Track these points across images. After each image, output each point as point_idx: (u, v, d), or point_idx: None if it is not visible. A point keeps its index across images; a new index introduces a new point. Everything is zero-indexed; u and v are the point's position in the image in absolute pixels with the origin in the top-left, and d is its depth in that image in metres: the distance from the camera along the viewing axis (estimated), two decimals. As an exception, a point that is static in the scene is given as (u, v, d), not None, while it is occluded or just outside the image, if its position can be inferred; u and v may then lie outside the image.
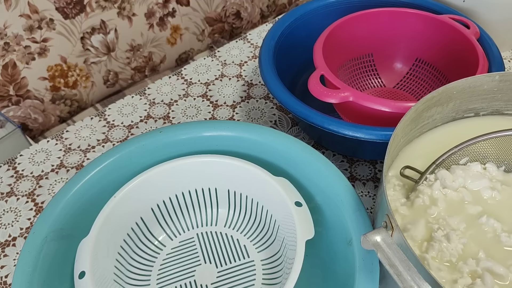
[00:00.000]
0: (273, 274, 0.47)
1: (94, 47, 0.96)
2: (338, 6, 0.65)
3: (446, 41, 0.60)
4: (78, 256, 0.41)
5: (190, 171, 0.48)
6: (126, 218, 0.47)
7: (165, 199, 0.49)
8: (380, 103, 0.49)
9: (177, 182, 0.49)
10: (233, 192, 0.50)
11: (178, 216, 0.51)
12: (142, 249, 0.48)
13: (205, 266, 0.48)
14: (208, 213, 0.51)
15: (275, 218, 0.47)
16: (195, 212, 0.51)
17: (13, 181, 0.58)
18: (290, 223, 0.43)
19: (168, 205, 0.50)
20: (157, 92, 0.68)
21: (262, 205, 0.48)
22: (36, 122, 0.96)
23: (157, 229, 0.50)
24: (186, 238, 0.50)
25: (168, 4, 1.01)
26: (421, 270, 0.32)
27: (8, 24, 0.83)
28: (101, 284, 0.41)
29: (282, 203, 0.44)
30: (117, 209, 0.44)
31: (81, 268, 0.40)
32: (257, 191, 0.48)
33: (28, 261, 0.40)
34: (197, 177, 0.49)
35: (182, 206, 0.50)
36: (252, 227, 0.50)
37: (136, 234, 0.48)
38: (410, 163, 0.44)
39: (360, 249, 0.39)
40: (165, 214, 0.50)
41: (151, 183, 0.47)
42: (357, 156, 0.59)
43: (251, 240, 0.49)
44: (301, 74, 0.65)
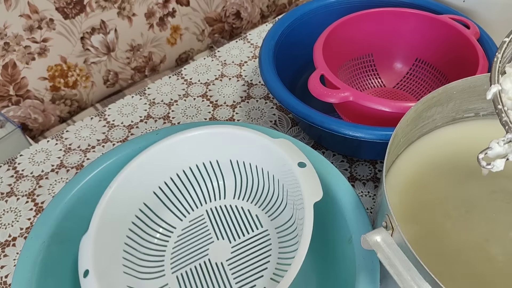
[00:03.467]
0: (289, 241, 0.45)
1: (94, 47, 0.96)
2: (338, 6, 0.65)
3: (446, 41, 0.60)
4: (80, 255, 0.40)
5: (187, 147, 0.47)
6: (127, 207, 0.45)
7: (166, 180, 0.47)
8: (380, 103, 0.49)
9: (175, 161, 0.47)
10: (236, 161, 0.48)
11: (185, 195, 0.49)
12: (152, 234, 0.47)
13: (218, 243, 0.46)
14: (215, 187, 0.50)
15: (283, 183, 0.46)
16: (201, 188, 0.49)
17: (13, 181, 0.58)
18: (296, 186, 0.42)
19: (171, 186, 0.48)
20: (157, 92, 0.68)
21: (267, 170, 0.47)
22: (36, 122, 0.96)
23: (165, 212, 0.48)
24: (196, 216, 0.49)
25: (168, 4, 1.01)
26: (421, 270, 0.32)
27: (8, 24, 0.83)
28: (110, 280, 0.40)
29: (285, 165, 0.42)
30: (114, 199, 0.43)
31: (85, 266, 0.39)
32: (259, 157, 0.46)
33: (27, 266, 0.40)
34: (196, 152, 0.47)
35: (187, 184, 0.49)
36: (262, 196, 0.48)
37: (143, 221, 0.46)
38: (410, 163, 0.44)
39: (360, 248, 0.39)
40: (170, 195, 0.48)
41: (148, 166, 0.45)
42: (357, 156, 0.59)
43: (262, 209, 0.48)
44: (301, 74, 0.65)
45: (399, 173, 0.45)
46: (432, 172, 0.45)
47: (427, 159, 0.45)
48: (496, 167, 0.28)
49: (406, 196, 0.43)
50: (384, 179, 0.37)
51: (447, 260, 0.39)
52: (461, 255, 0.40)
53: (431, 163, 0.45)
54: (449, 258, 0.40)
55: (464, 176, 0.44)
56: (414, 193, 0.43)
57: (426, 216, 0.42)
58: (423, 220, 0.42)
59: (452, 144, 0.46)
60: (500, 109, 0.29)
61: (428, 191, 0.44)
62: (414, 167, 0.45)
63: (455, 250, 0.40)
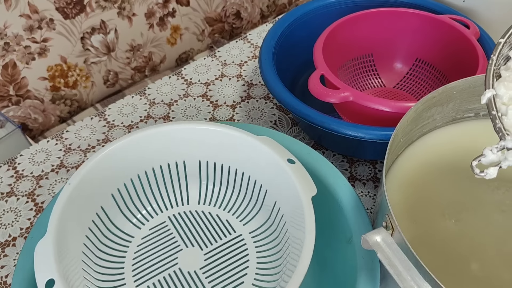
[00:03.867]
0: (267, 245, 0.43)
1: (94, 47, 0.96)
2: (338, 6, 0.65)
3: (446, 41, 0.60)
4: (39, 261, 0.35)
5: (152, 145, 0.43)
6: (86, 209, 0.41)
7: (126, 182, 0.43)
8: (380, 103, 0.49)
9: (138, 159, 0.43)
10: (205, 162, 0.45)
11: (142, 201, 0.45)
12: (108, 244, 0.42)
13: (188, 250, 0.43)
14: (177, 192, 0.46)
15: (261, 183, 0.43)
16: (160, 193, 0.46)
17: (13, 181, 0.58)
18: (284, 183, 0.40)
19: (130, 188, 0.44)
20: (157, 92, 0.68)
21: (242, 171, 0.44)
22: (36, 122, 0.96)
23: (120, 219, 0.44)
24: (157, 224, 0.45)
25: (168, 4, 1.01)
26: (421, 270, 0.32)
27: (8, 24, 0.83)
28: None
29: (271, 163, 0.40)
30: (73, 199, 0.39)
31: (48, 275, 0.34)
32: (234, 156, 0.43)
33: (27, 266, 0.39)
34: (161, 151, 0.43)
35: (146, 188, 0.45)
36: (230, 199, 0.45)
37: (98, 228, 0.42)
38: (410, 163, 0.44)
39: (360, 247, 0.39)
40: (127, 199, 0.44)
41: (110, 164, 0.41)
42: (357, 156, 0.59)
43: (232, 214, 0.45)
44: (301, 74, 0.65)
45: (399, 173, 0.45)
46: (432, 172, 0.45)
47: (427, 159, 0.45)
48: (489, 174, 0.27)
49: (406, 196, 0.43)
50: (384, 179, 0.37)
51: (447, 260, 0.39)
52: (461, 255, 0.40)
53: (431, 163, 0.45)
54: (449, 258, 0.40)
55: (464, 176, 0.44)
56: (414, 193, 0.43)
57: (426, 216, 0.42)
58: (423, 220, 0.42)
59: (452, 144, 0.46)
60: (494, 115, 0.28)
61: (428, 191, 0.44)
62: (414, 167, 0.45)
63: (455, 250, 0.40)
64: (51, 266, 0.34)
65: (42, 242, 0.36)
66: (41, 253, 0.35)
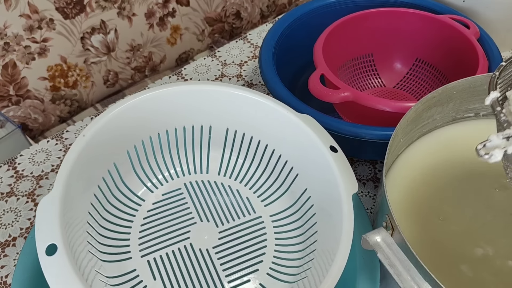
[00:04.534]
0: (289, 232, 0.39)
1: (94, 47, 0.96)
2: (338, 6, 0.65)
3: (446, 41, 0.60)
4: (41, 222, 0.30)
5: (180, 101, 0.38)
6: (97, 164, 0.37)
7: (144, 139, 0.39)
8: (380, 103, 0.49)
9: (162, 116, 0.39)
10: (233, 131, 0.41)
11: (159, 162, 0.41)
12: (115, 205, 0.38)
13: (202, 225, 0.39)
14: (197, 158, 0.42)
15: (292, 165, 0.39)
16: (179, 156, 0.41)
17: (13, 181, 0.58)
18: (322, 173, 0.36)
19: (147, 147, 0.39)
20: (157, 92, 0.68)
21: (273, 148, 0.40)
22: (36, 122, 0.96)
23: (132, 180, 0.39)
24: (171, 190, 0.40)
25: (168, 4, 1.01)
26: (421, 270, 0.32)
27: (8, 24, 0.83)
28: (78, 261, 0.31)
29: (310, 147, 0.36)
30: (87, 152, 0.35)
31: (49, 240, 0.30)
32: (267, 130, 0.39)
33: (27, 266, 0.39)
34: (188, 110, 0.39)
35: (165, 149, 0.41)
36: (254, 175, 0.41)
37: (108, 186, 0.38)
38: (410, 163, 0.44)
39: (360, 247, 0.39)
40: (142, 159, 0.40)
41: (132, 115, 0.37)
42: (357, 156, 0.59)
43: (254, 191, 0.41)
44: (301, 74, 0.65)
45: (399, 173, 0.45)
46: (432, 172, 0.45)
47: (427, 159, 0.45)
48: (495, 156, 0.28)
49: (406, 196, 0.43)
50: (384, 179, 0.36)
51: (447, 260, 0.39)
52: (461, 255, 0.40)
53: (431, 163, 0.45)
54: (449, 258, 0.40)
55: (464, 176, 0.44)
56: (414, 193, 0.43)
57: (426, 216, 0.42)
58: (423, 220, 0.42)
59: (452, 144, 0.46)
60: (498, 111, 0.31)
61: (428, 191, 0.44)
62: (414, 167, 0.45)
63: (455, 250, 0.40)
64: (55, 230, 0.30)
65: (47, 199, 0.32)
66: (45, 211, 0.31)
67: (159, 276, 0.37)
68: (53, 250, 0.29)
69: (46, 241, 0.30)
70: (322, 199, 0.36)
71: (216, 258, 0.38)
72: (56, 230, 0.30)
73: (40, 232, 0.30)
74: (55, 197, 0.31)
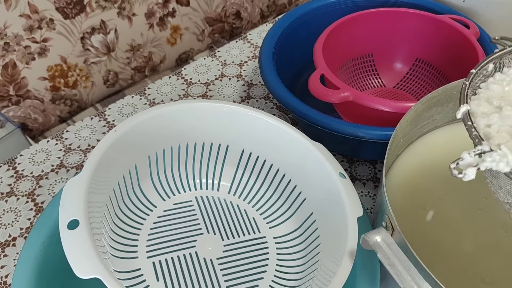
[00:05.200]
0: (290, 255, 0.41)
1: (94, 47, 0.96)
2: (338, 6, 0.65)
3: (446, 41, 0.60)
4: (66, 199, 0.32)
5: (205, 118, 0.41)
6: (121, 162, 0.39)
7: (166, 148, 0.41)
8: (380, 103, 0.49)
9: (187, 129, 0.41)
10: (248, 153, 0.43)
11: (174, 173, 0.43)
12: (129, 206, 0.40)
13: (208, 236, 0.40)
14: (210, 175, 0.44)
15: (301, 190, 0.41)
16: (194, 170, 0.44)
17: (13, 181, 0.58)
18: (330, 198, 0.38)
19: (167, 156, 0.42)
20: (157, 92, 0.68)
21: (283, 173, 0.42)
22: (36, 122, 0.96)
23: (148, 185, 0.42)
24: (182, 201, 0.42)
25: (168, 4, 1.01)
26: (421, 270, 0.32)
27: (8, 24, 0.83)
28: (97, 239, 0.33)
29: (321, 173, 0.38)
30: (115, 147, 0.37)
31: (72, 215, 0.31)
32: (281, 155, 0.41)
33: (27, 266, 0.39)
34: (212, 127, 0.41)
35: (182, 160, 0.43)
36: (262, 198, 0.43)
37: (126, 185, 0.40)
38: (410, 163, 0.44)
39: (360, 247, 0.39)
40: (160, 166, 0.42)
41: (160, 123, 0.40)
42: (357, 156, 0.59)
43: (261, 213, 0.43)
44: (301, 74, 0.65)
45: (399, 173, 0.45)
46: (432, 172, 0.45)
47: (427, 159, 0.45)
48: (468, 175, 0.29)
49: (406, 196, 0.43)
50: (384, 179, 0.36)
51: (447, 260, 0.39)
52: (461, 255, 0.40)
53: (431, 163, 0.45)
54: (449, 258, 0.40)
55: (464, 176, 0.44)
56: (414, 193, 0.43)
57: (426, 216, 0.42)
58: (423, 220, 0.42)
59: (452, 144, 0.46)
60: (470, 125, 0.31)
61: (428, 191, 0.44)
62: (414, 167, 0.45)
63: (455, 250, 0.40)
64: (79, 206, 0.32)
65: (75, 179, 0.33)
66: (71, 190, 0.33)
67: (162, 278, 0.38)
68: (75, 225, 0.31)
69: (69, 216, 0.31)
70: (328, 222, 0.38)
71: (219, 269, 0.39)
72: (80, 207, 0.32)
73: (64, 208, 0.32)
74: (83, 179, 0.33)
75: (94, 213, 0.35)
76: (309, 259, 0.40)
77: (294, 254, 0.41)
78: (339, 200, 0.36)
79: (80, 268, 0.30)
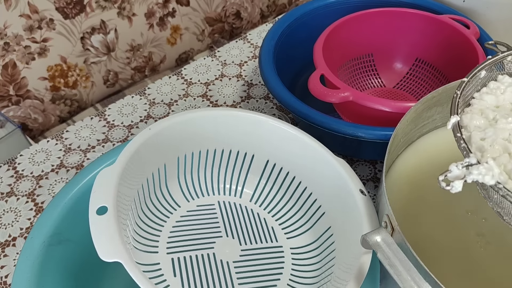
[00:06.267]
0: (305, 267, 0.42)
1: (94, 47, 0.96)
2: (338, 6, 0.65)
3: (446, 41, 0.60)
4: (98, 187, 0.35)
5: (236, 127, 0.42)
6: (151, 159, 0.40)
7: (194, 151, 0.43)
8: (380, 103, 0.49)
9: (218, 135, 0.43)
10: (272, 164, 0.44)
11: (200, 176, 0.45)
12: (155, 203, 0.42)
13: (227, 240, 0.42)
14: (234, 181, 0.46)
15: (321, 204, 0.42)
16: (219, 175, 0.45)
17: (13, 181, 0.58)
18: (349, 214, 0.39)
19: (195, 159, 0.44)
20: (157, 92, 0.68)
21: (305, 186, 0.43)
22: (36, 122, 0.96)
23: (175, 185, 0.44)
24: (206, 204, 0.44)
25: (168, 4, 1.01)
26: (421, 270, 0.32)
27: (8, 24, 0.83)
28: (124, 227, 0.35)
29: (342, 188, 0.39)
30: (148, 144, 0.39)
31: (102, 202, 0.34)
32: (303, 168, 0.43)
33: (27, 266, 0.39)
34: (241, 136, 0.43)
35: (208, 165, 0.45)
36: (282, 209, 0.45)
37: (154, 182, 0.42)
38: (410, 163, 0.44)
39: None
40: (188, 168, 0.44)
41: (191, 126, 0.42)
42: (357, 156, 0.59)
43: (280, 223, 0.44)
44: (301, 74, 0.65)
45: (399, 173, 0.45)
46: (432, 172, 0.45)
47: (427, 159, 0.45)
48: (455, 188, 0.29)
49: (406, 196, 0.43)
50: (384, 179, 0.37)
51: (447, 260, 0.39)
52: (461, 255, 0.40)
53: (431, 163, 0.45)
54: (449, 258, 0.40)
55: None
56: (414, 193, 0.43)
57: (426, 216, 0.42)
58: (423, 220, 0.42)
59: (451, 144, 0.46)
60: (459, 137, 0.32)
61: (428, 191, 0.44)
62: (414, 167, 0.45)
63: (454, 250, 0.40)
64: (109, 194, 0.34)
65: (107, 170, 0.35)
66: (103, 178, 0.35)
67: (179, 274, 0.40)
68: (104, 211, 0.33)
69: (98, 203, 0.33)
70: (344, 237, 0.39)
71: (234, 272, 0.40)
72: (110, 195, 0.34)
73: (95, 194, 0.34)
74: (116, 169, 0.35)
75: (122, 204, 0.36)
76: (323, 271, 0.41)
77: (309, 266, 0.42)
78: (358, 216, 0.38)
79: (104, 251, 0.32)
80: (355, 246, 0.37)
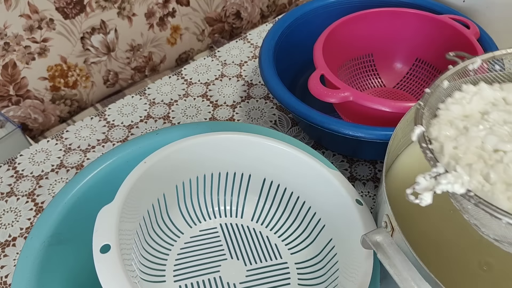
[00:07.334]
0: (312, 280, 0.42)
1: (94, 47, 0.96)
2: (338, 6, 0.65)
3: (446, 41, 0.60)
4: (100, 225, 0.35)
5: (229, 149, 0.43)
6: (150, 191, 0.41)
7: (192, 178, 0.44)
8: (380, 103, 0.49)
9: (213, 160, 0.44)
10: (270, 182, 0.45)
11: (200, 201, 0.46)
12: (158, 233, 0.43)
13: (232, 262, 0.43)
14: (234, 203, 0.46)
15: (320, 217, 0.43)
16: (218, 199, 0.46)
17: (13, 181, 0.58)
18: (348, 224, 0.39)
19: (193, 186, 0.44)
20: (157, 92, 0.68)
21: (304, 200, 0.44)
22: (36, 122, 0.96)
23: (176, 213, 0.45)
24: (208, 228, 0.45)
25: (168, 4, 1.01)
26: (421, 270, 0.32)
27: (8, 24, 0.83)
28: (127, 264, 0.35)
29: (339, 200, 0.40)
30: (145, 177, 0.39)
31: (105, 240, 0.34)
32: (300, 183, 0.43)
33: (27, 266, 0.39)
34: (235, 158, 0.44)
35: (207, 190, 0.45)
36: (284, 225, 0.45)
37: (155, 213, 0.43)
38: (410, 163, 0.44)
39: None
40: (187, 195, 0.44)
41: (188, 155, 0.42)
42: (357, 156, 0.59)
43: (282, 240, 0.45)
44: (301, 74, 0.65)
45: (399, 173, 0.45)
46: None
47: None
48: (424, 200, 0.29)
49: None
50: (384, 179, 0.36)
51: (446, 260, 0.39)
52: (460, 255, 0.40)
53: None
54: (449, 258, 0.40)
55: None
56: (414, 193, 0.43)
57: (426, 216, 0.42)
58: (423, 220, 0.42)
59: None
60: (425, 147, 0.31)
61: (428, 191, 0.44)
62: (414, 167, 0.45)
63: (454, 250, 0.40)
64: (111, 232, 0.34)
65: (108, 207, 0.36)
66: (104, 217, 0.35)
67: None
68: (107, 249, 0.34)
69: (102, 241, 0.34)
70: (346, 247, 0.40)
71: None
72: (112, 233, 0.34)
73: (97, 233, 0.35)
74: (115, 206, 0.36)
75: (125, 239, 0.37)
76: (329, 283, 0.41)
77: (315, 279, 0.42)
78: (356, 226, 0.38)
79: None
80: (357, 254, 0.38)
